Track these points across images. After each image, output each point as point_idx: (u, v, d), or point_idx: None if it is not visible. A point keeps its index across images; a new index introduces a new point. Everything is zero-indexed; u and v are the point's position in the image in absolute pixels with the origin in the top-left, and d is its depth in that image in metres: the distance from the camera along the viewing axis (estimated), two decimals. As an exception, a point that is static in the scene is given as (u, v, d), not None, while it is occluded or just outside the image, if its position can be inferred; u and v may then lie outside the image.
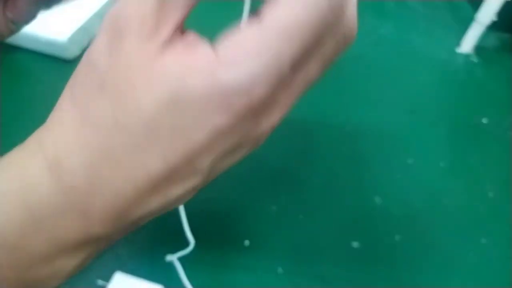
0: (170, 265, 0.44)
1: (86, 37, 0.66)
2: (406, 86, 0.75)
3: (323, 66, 0.20)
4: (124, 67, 0.16)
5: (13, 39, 0.64)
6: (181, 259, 0.44)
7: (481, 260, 0.51)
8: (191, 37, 0.17)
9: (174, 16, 0.16)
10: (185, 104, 0.16)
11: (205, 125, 0.16)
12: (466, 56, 0.83)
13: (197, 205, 0.37)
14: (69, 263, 0.19)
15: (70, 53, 0.63)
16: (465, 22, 0.87)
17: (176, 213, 0.43)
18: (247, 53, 0.16)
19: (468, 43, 0.83)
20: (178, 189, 0.19)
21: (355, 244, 0.50)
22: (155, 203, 0.19)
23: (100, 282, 0.42)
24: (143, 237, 0.47)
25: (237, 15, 0.20)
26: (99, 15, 0.68)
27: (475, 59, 0.83)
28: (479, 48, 0.85)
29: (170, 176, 0.18)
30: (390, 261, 0.50)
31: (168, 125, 0.17)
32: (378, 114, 0.68)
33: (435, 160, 0.62)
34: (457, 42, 0.85)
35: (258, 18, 0.17)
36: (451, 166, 0.62)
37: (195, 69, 0.16)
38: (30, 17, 0.32)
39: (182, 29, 0.17)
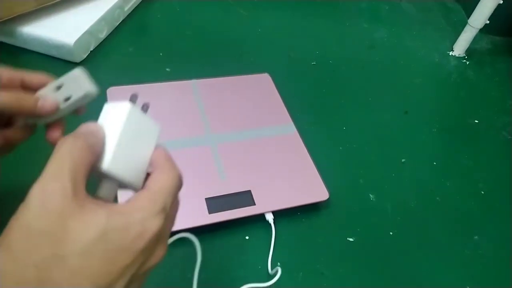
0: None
1: (91, 40, 0.68)
2: (400, 88, 0.77)
3: (177, 208, 0.31)
4: (56, 219, 0.23)
5: (22, 42, 0.66)
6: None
7: (474, 256, 0.53)
8: (93, 200, 0.25)
9: (83, 190, 0.25)
10: (112, 235, 0.24)
11: (127, 249, 0.24)
12: (459, 58, 0.85)
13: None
14: None
15: (77, 56, 0.65)
16: (458, 26, 0.89)
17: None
18: (144, 204, 0.26)
19: (460, 46, 0.85)
20: None
21: (351, 239, 0.52)
22: None
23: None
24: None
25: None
26: (104, 20, 0.70)
27: (467, 62, 0.85)
28: (472, 51, 0.86)
29: None
30: (384, 256, 0.51)
31: (100, 252, 0.23)
32: (373, 115, 0.70)
33: (428, 159, 0.64)
34: (450, 45, 0.87)
35: (146, 187, 0.27)
36: (444, 165, 0.64)
37: (115, 214, 0.24)
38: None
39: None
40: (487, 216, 0.58)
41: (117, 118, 0.28)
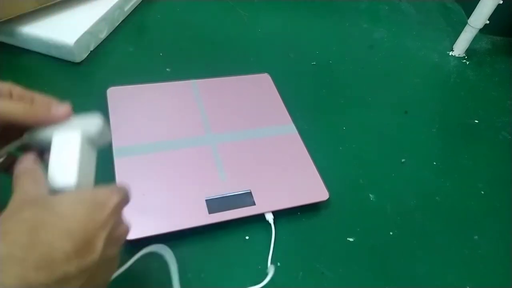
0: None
1: (92, 40, 0.68)
2: (400, 88, 0.77)
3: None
4: (31, 205, 0.28)
5: (22, 42, 0.66)
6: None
7: (474, 256, 0.53)
8: None
9: None
10: (85, 198, 0.29)
11: (101, 206, 0.29)
12: (459, 58, 0.85)
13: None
14: None
15: (77, 56, 0.65)
16: (458, 26, 0.89)
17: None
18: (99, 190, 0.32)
19: (460, 46, 0.85)
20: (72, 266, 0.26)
21: (351, 239, 0.52)
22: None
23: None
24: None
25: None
26: (104, 20, 0.70)
27: (467, 62, 0.85)
28: (471, 51, 0.86)
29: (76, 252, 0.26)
30: (384, 256, 0.51)
31: (81, 207, 0.28)
32: (373, 115, 0.70)
33: (428, 159, 0.64)
34: (450, 45, 0.87)
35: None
36: (444, 165, 0.64)
37: (81, 190, 0.32)
38: None
39: None
40: (487, 216, 0.58)
41: (72, 144, 0.34)
